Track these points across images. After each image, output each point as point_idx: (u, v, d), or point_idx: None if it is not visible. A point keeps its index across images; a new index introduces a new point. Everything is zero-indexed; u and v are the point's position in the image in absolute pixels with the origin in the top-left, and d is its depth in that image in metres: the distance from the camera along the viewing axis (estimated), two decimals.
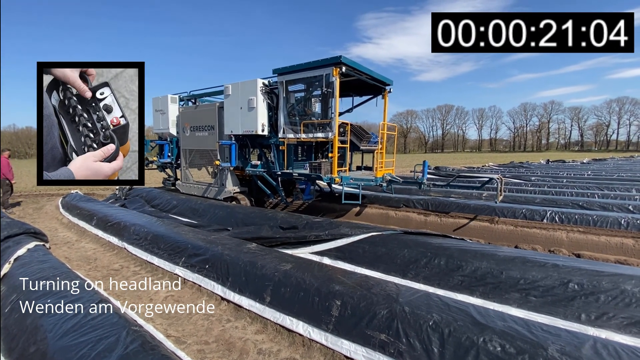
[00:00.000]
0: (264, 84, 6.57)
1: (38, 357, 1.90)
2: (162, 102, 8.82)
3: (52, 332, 2.01)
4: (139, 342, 1.88)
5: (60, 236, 5.77)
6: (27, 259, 3.37)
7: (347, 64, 5.66)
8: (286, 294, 2.79)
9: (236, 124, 6.87)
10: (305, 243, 4.25)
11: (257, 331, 2.66)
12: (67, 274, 2.98)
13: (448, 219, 5.54)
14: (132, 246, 4.57)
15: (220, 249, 3.66)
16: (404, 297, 2.38)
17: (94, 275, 3.89)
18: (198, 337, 2.60)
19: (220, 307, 3.06)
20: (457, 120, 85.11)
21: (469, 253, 3.24)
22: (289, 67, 6.22)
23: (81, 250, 4.97)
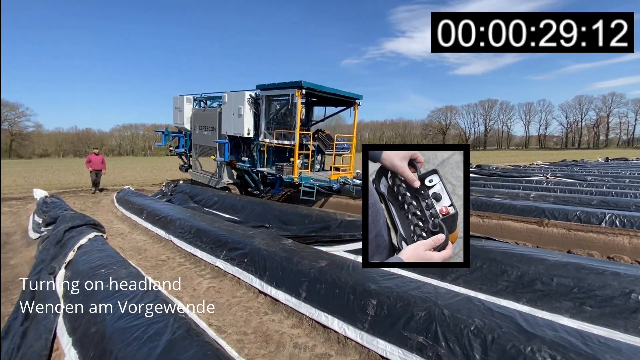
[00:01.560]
0: (251, 95, 7.93)
1: (98, 337, 2.09)
2: (179, 101, 10.33)
3: (110, 315, 2.21)
4: (185, 329, 2.01)
5: (115, 228, 6.30)
6: (88, 248, 3.74)
7: (307, 87, 6.91)
8: (321, 290, 2.82)
9: (229, 126, 8.33)
10: (340, 241, 4.26)
11: (293, 325, 2.72)
12: (121, 263, 3.27)
13: (490, 220, 5.24)
14: (178, 239, 4.88)
15: (257, 244, 3.78)
16: (443, 299, 2.30)
17: (144, 264, 4.20)
18: (237, 327, 2.72)
19: (258, 300, 3.17)
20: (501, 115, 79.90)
21: (515, 257, 3.05)
22: (267, 84, 7.61)
23: (133, 242, 5.39)
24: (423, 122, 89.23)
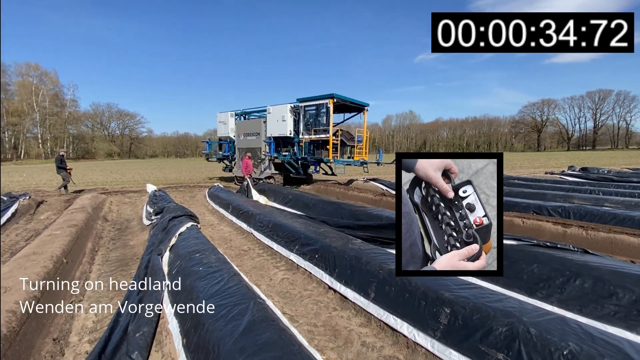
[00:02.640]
0: (291, 107, 11.86)
1: (193, 311, 2.45)
2: (224, 116, 14.63)
3: (203, 293, 2.56)
4: (263, 313, 2.21)
5: (206, 219, 7.18)
6: (186, 235, 4.36)
7: (337, 97, 10.84)
8: (390, 292, 2.79)
9: (274, 130, 12.26)
10: None
11: (361, 324, 2.75)
12: (211, 250, 3.73)
13: (597, 233, 4.44)
14: (257, 232, 5.33)
15: (328, 242, 3.91)
16: (530, 317, 2.07)
17: (229, 253, 4.71)
18: (308, 319, 2.87)
19: (328, 296, 3.29)
20: (617, 108, 66.18)
21: (630, 278, 2.55)
22: (305, 97, 11.53)
23: (220, 232, 6.08)
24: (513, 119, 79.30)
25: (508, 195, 6.69)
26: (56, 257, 3.70)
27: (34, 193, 10.22)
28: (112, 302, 3.21)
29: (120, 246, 5.22)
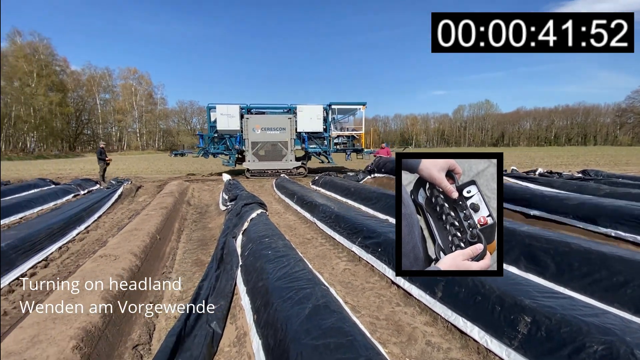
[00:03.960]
0: (323, 107, 14.40)
1: (263, 290, 2.63)
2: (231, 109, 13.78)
3: (271, 275, 2.73)
4: (326, 300, 2.27)
5: (274, 208, 7.61)
6: (256, 221, 4.68)
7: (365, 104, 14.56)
8: (460, 293, 2.62)
9: (306, 126, 14.24)
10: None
11: (427, 323, 2.65)
12: (279, 236, 3.95)
13: None
14: (320, 222, 5.47)
15: (391, 236, 3.82)
16: (635, 336, 1.75)
17: (293, 240, 4.93)
18: (370, 311, 2.86)
19: (390, 290, 3.23)
20: None
21: None
22: (337, 102, 14.56)
23: (286, 220, 6.39)
24: (618, 107, 66.84)
25: (610, 196, 5.68)
26: (151, 234, 4.31)
27: (134, 179, 12.01)
28: (195, 276, 3.63)
29: (200, 228, 5.85)
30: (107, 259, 3.23)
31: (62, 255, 4.41)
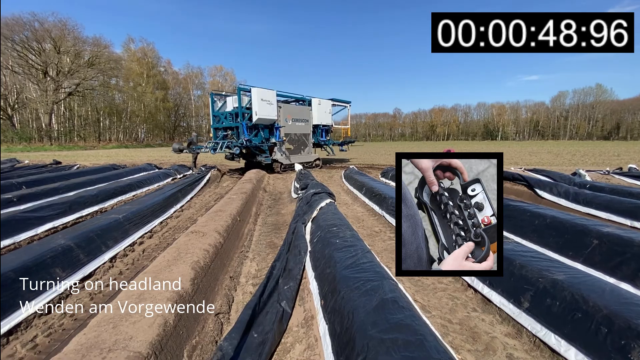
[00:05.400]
0: (332, 102, 15.14)
1: (330, 277, 2.67)
2: (269, 94, 11.36)
3: (339, 264, 2.75)
4: (395, 294, 2.20)
5: (341, 198, 7.66)
6: (325, 210, 4.77)
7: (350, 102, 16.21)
8: (553, 307, 2.27)
9: (321, 119, 14.27)
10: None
11: (508, 334, 2.37)
12: (346, 226, 3.95)
13: None
14: (389, 215, 5.31)
15: None
16: None
17: (361, 232, 4.88)
18: (442, 312, 2.68)
19: (466, 294, 2.98)
20: None
21: None
22: (336, 99, 15.54)
23: (354, 212, 6.38)
24: None
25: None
26: (233, 215, 4.73)
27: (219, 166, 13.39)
28: (268, 257, 3.88)
29: (274, 213, 6.22)
30: (197, 235, 3.66)
31: (163, 228, 5.16)
